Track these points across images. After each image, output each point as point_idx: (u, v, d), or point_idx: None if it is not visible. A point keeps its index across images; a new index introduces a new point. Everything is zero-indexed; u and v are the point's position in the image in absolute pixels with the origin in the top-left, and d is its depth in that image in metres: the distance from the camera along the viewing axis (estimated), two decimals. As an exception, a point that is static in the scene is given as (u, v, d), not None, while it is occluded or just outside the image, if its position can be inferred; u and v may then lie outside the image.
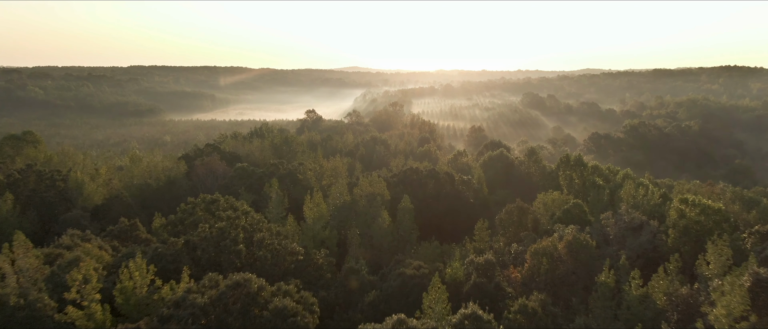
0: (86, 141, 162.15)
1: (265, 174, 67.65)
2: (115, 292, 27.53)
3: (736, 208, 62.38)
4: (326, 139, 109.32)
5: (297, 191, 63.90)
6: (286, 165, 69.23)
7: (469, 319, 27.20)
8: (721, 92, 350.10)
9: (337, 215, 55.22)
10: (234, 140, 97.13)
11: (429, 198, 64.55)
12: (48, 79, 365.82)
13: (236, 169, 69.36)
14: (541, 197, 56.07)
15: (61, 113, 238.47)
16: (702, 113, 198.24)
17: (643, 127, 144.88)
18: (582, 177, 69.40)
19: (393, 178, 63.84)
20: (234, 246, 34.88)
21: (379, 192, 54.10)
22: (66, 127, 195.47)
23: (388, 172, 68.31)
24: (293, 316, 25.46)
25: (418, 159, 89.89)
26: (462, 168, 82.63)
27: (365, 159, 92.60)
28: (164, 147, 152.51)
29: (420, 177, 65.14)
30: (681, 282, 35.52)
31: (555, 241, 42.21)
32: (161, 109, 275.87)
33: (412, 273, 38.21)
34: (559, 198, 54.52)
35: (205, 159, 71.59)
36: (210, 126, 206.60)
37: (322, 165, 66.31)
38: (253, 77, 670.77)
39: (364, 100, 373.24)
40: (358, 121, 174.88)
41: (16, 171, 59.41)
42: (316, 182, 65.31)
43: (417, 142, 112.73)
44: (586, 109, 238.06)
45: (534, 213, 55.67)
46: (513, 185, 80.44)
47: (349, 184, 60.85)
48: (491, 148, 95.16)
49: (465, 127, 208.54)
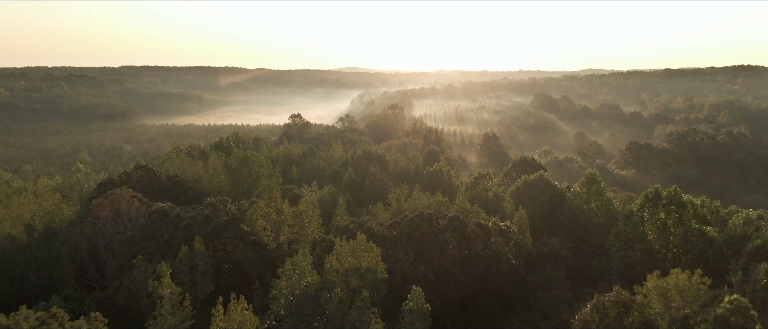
0: (31, 151, 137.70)
1: (194, 223, 43.48)
2: None
3: None
4: (307, 155, 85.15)
5: (243, 255, 39.76)
6: (228, 209, 44.89)
7: None
8: (743, 92, 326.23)
9: (294, 310, 31.21)
10: (180, 157, 72.90)
11: (449, 264, 40.50)
12: (23, 79, 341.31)
13: (152, 214, 45.11)
14: (652, 281, 31.71)
15: (23, 116, 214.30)
16: (744, 117, 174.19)
17: (693, 135, 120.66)
18: (681, 221, 45.30)
19: (394, 238, 39.66)
20: None
21: (369, 280, 29.96)
22: (18, 133, 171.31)
23: (383, 224, 43.58)
24: None
25: (426, 186, 65.69)
26: (488, 202, 58.57)
27: (355, 184, 68.44)
28: (120, 158, 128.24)
29: (434, 230, 40.99)
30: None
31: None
32: (137, 111, 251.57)
33: None
34: (696, 284, 30.30)
35: (110, 195, 47.32)
36: (183, 132, 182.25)
37: (284, 213, 42.05)
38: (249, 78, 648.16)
39: (361, 102, 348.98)
40: (352, 127, 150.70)
41: None
42: (273, 237, 41.31)
43: (423, 157, 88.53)
44: (607, 112, 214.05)
45: (641, 309, 31.66)
46: (561, 228, 56.42)
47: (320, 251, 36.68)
48: (524, 167, 71.01)
49: (474, 132, 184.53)
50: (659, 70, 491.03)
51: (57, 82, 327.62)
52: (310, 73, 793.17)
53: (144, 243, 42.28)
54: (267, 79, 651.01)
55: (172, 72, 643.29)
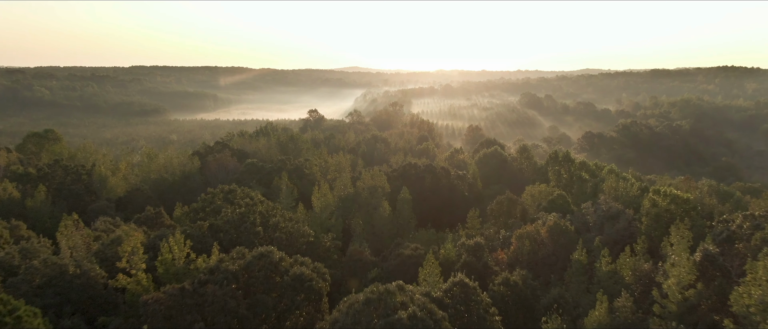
0: (95, 139, 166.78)
1: (273, 169, 72.54)
2: (156, 263, 32.39)
3: (713, 201, 67.52)
4: (329, 138, 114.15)
5: (303, 185, 68.75)
6: (293, 161, 74.10)
7: (457, 286, 32.04)
8: (716, 92, 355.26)
9: (341, 206, 60.07)
10: (241, 138, 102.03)
11: (426, 192, 69.43)
12: (52, 79, 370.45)
13: (246, 165, 74.23)
14: (529, 189, 60.96)
15: (68, 113, 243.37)
16: (695, 113, 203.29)
17: (635, 127, 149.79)
18: (569, 171, 74.30)
19: (393, 173, 68.70)
20: (253, 228, 39.77)
21: (380, 185, 58.96)
22: (74, 126, 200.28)
23: (389, 168, 73.17)
24: (309, 281, 30.36)
25: (416, 156, 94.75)
26: (458, 164, 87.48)
27: (366, 156, 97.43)
28: (172, 145, 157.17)
29: (418, 172, 70.01)
30: (646, 260, 40.42)
31: (538, 227, 47.11)
32: (165, 108, 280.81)
33: (410, 253, 43.12)
34: (545, 190, 59.41)
35: (217, 155, 76.45)
36: (214, 125, 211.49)
37: (327, 160, 71.14)
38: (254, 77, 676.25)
39: (365, 100, 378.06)
40: (359, 120, 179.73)
41: (46, 165, 64.29)
42: (322, 176, 70.16)
43: (416, 140, 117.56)
44: (583, 109, 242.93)
45: (522, 204, 60.55)
46: (506, 180, 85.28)
47: (353, 178, 65.78)
48: (486, 145, 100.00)
49: (463, 126, 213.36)
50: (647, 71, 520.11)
51: (85, 82, 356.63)
52: (314, 72, 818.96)
53: (245, 181, 71.31)
54: (273, 78, 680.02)
55: (183, 72, 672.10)
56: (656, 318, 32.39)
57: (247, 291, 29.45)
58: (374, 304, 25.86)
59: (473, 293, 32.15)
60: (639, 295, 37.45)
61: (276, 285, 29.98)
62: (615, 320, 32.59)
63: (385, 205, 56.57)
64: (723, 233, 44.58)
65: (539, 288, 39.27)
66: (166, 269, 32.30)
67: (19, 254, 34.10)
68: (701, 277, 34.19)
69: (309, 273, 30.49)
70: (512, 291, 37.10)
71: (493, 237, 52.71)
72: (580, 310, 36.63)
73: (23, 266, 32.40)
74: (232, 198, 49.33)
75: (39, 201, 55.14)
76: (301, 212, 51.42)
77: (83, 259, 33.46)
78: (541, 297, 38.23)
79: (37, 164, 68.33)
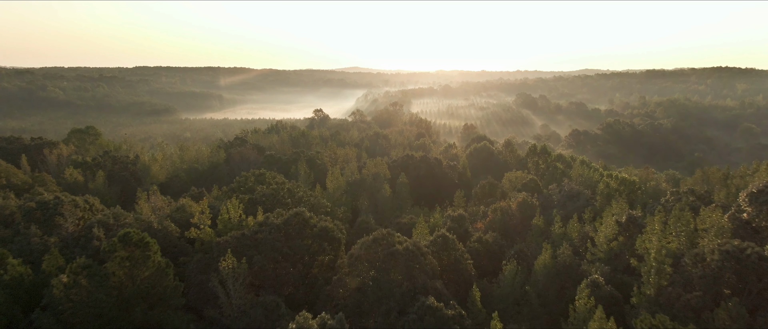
0: (116, 137, 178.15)
1: (290, 159, 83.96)
2: (217, 221, 43.79)
3: (669, 186, 79.00)
4: (335, 134, 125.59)
5: (316, 173, 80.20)
6: (306, 153, 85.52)
7: (440, 237, 43.39)
8: (706, 93, 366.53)
9: (349, 189, 71.48)
10: (256, 135, 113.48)
11: (422, 178, 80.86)
12: (63, 80, 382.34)
13: (266, 156, 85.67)
14: (507, 175, 72.35)
15: (84, 112, 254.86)
16: (679, 112, 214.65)
17: (618, 125, 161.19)
18: (546, 162, 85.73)
19: (393, 163, 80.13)
20: (284, 200, 51.21)
21: (382, 171, 70.37)
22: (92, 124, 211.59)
23: (389, 159, 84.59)
24: (331, 232, 41.74)
25: (414, 149, 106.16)
26: (451, 157, 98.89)
27: (369, 150, 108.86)
28: (187, 142, 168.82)
29: (415, 162, 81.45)
30: (590, 224, 51.82)
31: (510, 202, 58.49)
32: (176, 108, 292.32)
33: (406, 221, 54.52)
34: (520, 176, 70.79)
35: (239, 148, 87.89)
36: (224, 124, 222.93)
37: (336, 152, 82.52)
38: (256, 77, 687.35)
39: (366, 100, 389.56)
40: (362, 119, 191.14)
41: (99, 155, 75.80)
42: (332, 165, 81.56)
43: (414, 136, 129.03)
44: (574, 109, 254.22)
45: (502, 188, 71.92)
46: (493, 170, 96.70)
47: (359, 167, 77.22)
48: (477, 141, 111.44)
49: (460, 125, 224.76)
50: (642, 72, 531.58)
51: (95, 82, 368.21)
52: (316, 73, 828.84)
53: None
54: (275, 79, 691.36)
55: (186, 72, 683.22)
56: (587, 261, 43.79)
57: (287, 237, 40.85)
58: (379, 241, 37.25)
59: (452, 243, 43.52)
60: (579, 248, 48.85)
61: (308, 234, 41.38)
62: (557, 264, 43.91)
63: (386, 188, 67.99)
64: (654, 205, 56.12)
65: (506, 246, 50.66)
66: (225, 225, 43.68)
67: (112, 217, 45.54)
68: (623, 232, 45.54)
69: (331, 227, 41.91)
70: (484, 247, 48.49)
71: (476, 213, 64.07)
72: (535, 260, 47.98)
73: (116, 225, 43.84)
74: (262, 180, 60.77)
75: (99, 183, 66.60)
76: (318, 191, 62.84)
77: (162, 218, 44.94)
78: (506, 251, 49.58)
79: (87, 155, 79.77)
